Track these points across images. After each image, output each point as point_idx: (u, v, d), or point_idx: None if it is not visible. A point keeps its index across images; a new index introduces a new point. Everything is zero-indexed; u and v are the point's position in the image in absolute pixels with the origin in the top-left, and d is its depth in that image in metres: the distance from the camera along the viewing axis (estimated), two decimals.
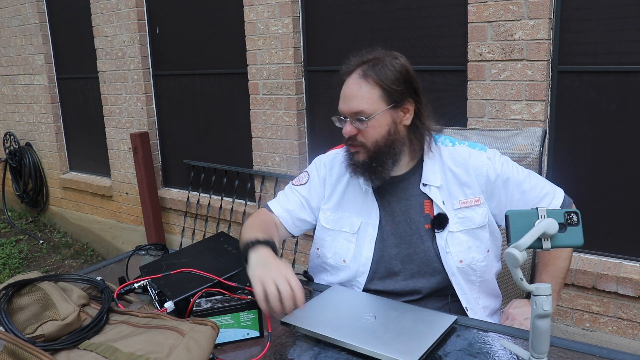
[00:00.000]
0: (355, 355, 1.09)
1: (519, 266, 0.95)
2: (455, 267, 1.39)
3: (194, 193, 3.87)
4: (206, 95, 3.77)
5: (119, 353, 0.93)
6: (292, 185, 1.60)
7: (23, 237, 4.99)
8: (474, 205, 1.41)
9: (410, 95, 1.38)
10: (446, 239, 1.39)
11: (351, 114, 1.37)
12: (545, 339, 0.95)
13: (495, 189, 1.43)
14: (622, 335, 2.44)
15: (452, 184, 1.42)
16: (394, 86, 1.35)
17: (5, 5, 4.89)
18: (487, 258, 1.43)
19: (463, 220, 1.41)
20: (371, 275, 1.44)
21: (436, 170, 1.43)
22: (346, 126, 1.38)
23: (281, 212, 1.55)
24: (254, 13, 3.25)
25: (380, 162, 1.38)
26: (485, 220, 1.42)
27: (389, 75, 1.36)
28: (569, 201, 1.49)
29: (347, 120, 1.38)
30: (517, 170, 1.46)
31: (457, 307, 1.41)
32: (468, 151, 1.45)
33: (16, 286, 1.10)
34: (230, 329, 1.17)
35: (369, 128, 1.36)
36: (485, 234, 1.43)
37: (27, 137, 5.14)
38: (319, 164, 1.58)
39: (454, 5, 2.64)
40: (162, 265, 1.40)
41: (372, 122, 1.36)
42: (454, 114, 2.71)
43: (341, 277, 1.47)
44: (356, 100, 1.36)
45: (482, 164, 1.42)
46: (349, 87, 1.38)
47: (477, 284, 1.43)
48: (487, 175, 1.42)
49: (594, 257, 2.50)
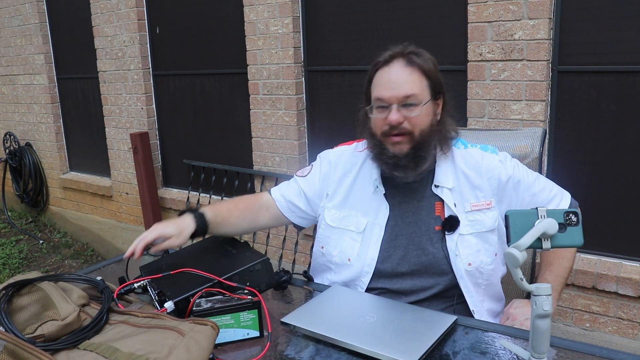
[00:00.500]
0: (355, 355, 1.09)
1: (519, 266, 0.95)
2: (463, 270, 1.39)
3: (194, 193, 3.87)
4: (206, 95, 3.77)
5: (119, 353, 0.93)
6: (295, 176, 1.62)
7: (23, 237, 4.99)
8: (485, 209, 1.41)
9: (442, 90, 1.39)
10: (456, 242, 1.39)
11: (401, 99, 1.32)
12: (545, 339, 0.95)
13: (506, 192, 1.43)
14: (622, 335, 2.44)
15: (464, 186, 1.42)
16: (435, 78, 1.36)
17: (5, 5, 4.89)
18: (495, 262, 1.43)
19: (474, 223, 1.40)
20: (376, 275, 1.43)
21: (448, 172, 1.42)
22: (393, 113, 1.32)
23: (278, 195, 1.58)
24: (254, 13, 3.25)
25: (424, 151, 1.36)
26: (495, 224, 1.42)
27: (431, 66, 1.36)
28: (575, 204, 1.50)
29: (393, 107, 1.33)
30: (527, 173, 1.46)
31: (461, 309, 1.41)
32: (480, 154, 1.44)
33: (16, 286, 1.10)
34: (230, 329, 1.17)
35: (419, 115, 1.33)
36: (494, 238, 1.42)
37: (27, 137, 5.14)
38: (323, 159, 1.57)
39: (454, 5, 2.64)
40: (162, 265, 1.40)
41: (422, 109, 1.33)
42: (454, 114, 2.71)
43: (345, 276, 1.46)
44: (408, 85, 1.32)
45: (494, 166, 1.42)
46: (396, 72, 1.34)
47: (483, 287, 1.42)
48: (499, 178, 1.42)
49: (594, 257, 2.50)
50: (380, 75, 1.37)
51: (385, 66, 1.36)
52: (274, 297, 1.42)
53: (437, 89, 1.38)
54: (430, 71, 1.36)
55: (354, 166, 1.50)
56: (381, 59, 1.38)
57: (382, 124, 1.36)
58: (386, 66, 1.36)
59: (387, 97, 1.34)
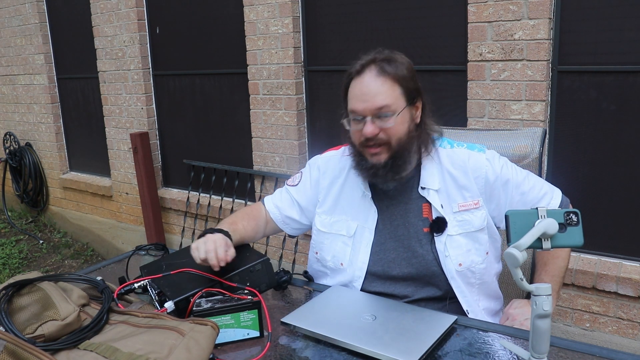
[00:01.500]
0: (355, 355, 1.09)
1: (519, 266, 0.95)
2: (454, 271, 1.38)
3: (194, 193, 3.87)
4: (206, 95, 3.77)
5: (119, 353, 0.93)
6: (286, 185, 1.62)
7: (23, 237, 4.99)
8: (472, 209, 1.40)
9: (418, 93, 1.38)
10: (445, 243, 1.38)
11: (374, 111, 1.31)
12: (545, 339, 0.95)
13: (494, 191, 1.42)
14: (622, 335, 2.44)
15: (450, 187, 1.41)
16: (409, 83, 1.34)
17: (5, 5, 4.89)
18: (486, 260, 1.42)
19: (462, 223, 1.39)
20: (368, 279, 1.43)
21: (434, 174, 1.41)
22: (367, 126, 1.31)
23: (272, 207, 1.59)
24: (254, 13, 3.25)
25: (403, 159, 1.35)
26: (484, 223, 1.41)
27: (404, 72, 1.34)
28: (566, 201, 1.50)
29: (367, 119, 1.32)
30: (516, 171, 1.45)
31: (455, 309, 1.41)
32: (467, 153, 1.43)
33: (16, 286, 1.10)
34: (230, 329, 1.17)
35: (394, 125, 1.32)
36: (484, 237, 1.42)
37: (27, 137, 5.14)
38: (312, 166, 1.57)
39: (454, 5, 2.64)
40: (162, 265, 1.40)
41: (397, 119, 1.32)
42: (454, 114, 2.71)
43: (339, 280, 1.47)
44: (380, 96, 1.31)
45: (481, 165, 1.41)
46: (368, 84, 1.32)
47: (477, 287, 1.42)
48: (486, 177, 1.41)
49: (593, 257, 2.50)
50: (353, 86, 1.36)
51: (357, 77, 1.35)
52: (274, 297, 1.43)
53: (413, 94, 1.36)
54: (403, 78, 1.33)
55: (342, 171, 1.50)
56: (353, 69, 1.36)
57: (358, 135, 1.35)
58: (358, 77, 1.35)
59: (360, 110, 1.33)
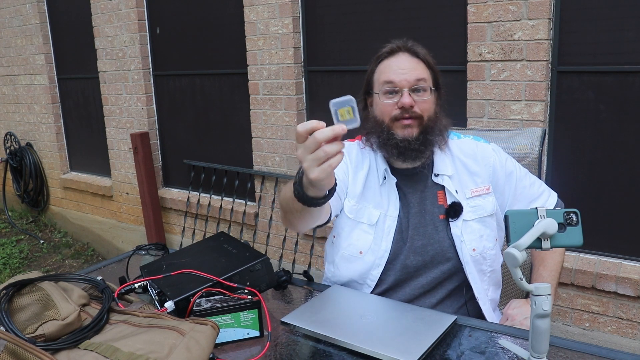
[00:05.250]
0: (355, 355, 1.09)
1: (519, 266, 0.96)
2: (469, 256, 1.41)
3: (194, 193, 3.87)
4: (206, 95, 3.78)
5: (119, 353, 0.93)
6: None
7: (24, 237, 4.99)
8: (484, 194, 1.45)
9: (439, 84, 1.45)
10: (461, 228, 1.41)
11: (412, 83, 1.37)
12: (544, 339, 0.95)
13: (499, 180, 1.47)
14: (621, 335, 2.44)
15: (462, 173, 1.45)
16: (436, 71, 1.42)
17: (6, 5, 4.89)
18: (496, 247, 1.46)
19: (475, 208, 1.43)
20: (386, 268, 1.43)
21: (447, 161, 1.46)
22: (405, 97, 1.36)
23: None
24: (254, 13, 3.25)
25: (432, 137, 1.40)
26: (494, 208, 1.45)
27: (432, 60, 1.43)
28: (560, 204, 1.54)
29: (404, 91, 1.37)
30: (518, 166, 1.51)
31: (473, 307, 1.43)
32: (474, 143, 1.50)
33: (17, 286, 1.10)
34: (230, 329, 1.17)
35: (427, 100, 1.39)
36: (493, 223, 1.46)
37: (27, 137, 5.14)
38: None
39: (454, 5, 2.64)
40: (163, 265, 1.40)
41: (430, 96, 1.39)
42: (454, 114, 2.71)
43: (355, 270, 1.45)
44: (417, 70, 1.38)
45: (488, 154, 1.47)
46: (404, 61, 1.40)
47: (488, 274, 1.45)
48: (494, 166, 1.46)
49: (593, 257, 2.51)
50: (386, 64, 1.41)
51: (390, 57, 1.42)
52: (274, 297, 1.43)
53: (437, 83, 1.44)
54: (433, 65, 1.42)
55: (364, 160, 1.50)
56: (385, 50, 1.43)
57: (391, 108, 1.39)
58: (392, 56, 1.41)
59: (398, 81, 1.38)
